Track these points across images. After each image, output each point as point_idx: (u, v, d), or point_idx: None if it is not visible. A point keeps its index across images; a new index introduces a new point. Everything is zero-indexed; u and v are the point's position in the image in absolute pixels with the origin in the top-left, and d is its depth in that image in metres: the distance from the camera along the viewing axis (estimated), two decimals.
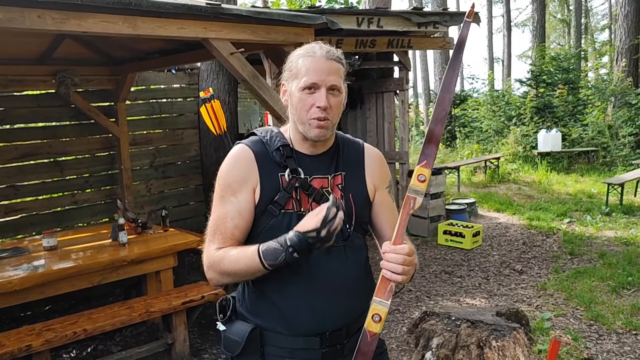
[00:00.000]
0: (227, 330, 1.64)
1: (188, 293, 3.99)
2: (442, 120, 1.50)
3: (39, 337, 3.26)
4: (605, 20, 31.84)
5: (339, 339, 1.60)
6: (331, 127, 1.56)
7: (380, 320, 1.43)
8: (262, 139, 1.63)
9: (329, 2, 13.66)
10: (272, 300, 1.58)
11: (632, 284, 5.01)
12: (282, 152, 1.59)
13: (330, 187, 1.62)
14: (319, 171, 1.62)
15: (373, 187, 1.70)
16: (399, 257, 1.42)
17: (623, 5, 13.80)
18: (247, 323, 1.62)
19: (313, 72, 1.52)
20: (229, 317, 1.65)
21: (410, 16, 5.41)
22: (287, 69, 1.61)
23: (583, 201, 8.83)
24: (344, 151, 1.68)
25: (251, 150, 1.60)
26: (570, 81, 14.33)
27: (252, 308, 1.63)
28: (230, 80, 6.65)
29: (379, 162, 1.74)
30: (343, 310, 1.60)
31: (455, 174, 10.69)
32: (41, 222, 5.71)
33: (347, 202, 1.61)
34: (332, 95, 1.54)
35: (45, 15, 2.82)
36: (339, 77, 1.55)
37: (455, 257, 6.16)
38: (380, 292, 1.43)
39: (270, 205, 1.56)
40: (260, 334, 1.59)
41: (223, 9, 3.45)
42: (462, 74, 27.31)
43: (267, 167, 1.58)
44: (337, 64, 1.56)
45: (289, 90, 1.60)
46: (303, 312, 1.56)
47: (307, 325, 1.57)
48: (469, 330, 3.39)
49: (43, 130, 5.86)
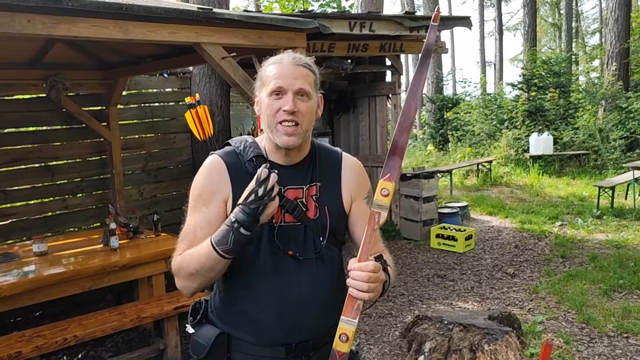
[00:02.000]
0: (195, 333, 1.64)
1: (180, 298, 3.97)
2: (407, 129, 1.46)
3: (28, 344, 3.24)
4: (595, 24, 32.10)
5: (306, 350, 1.59)
6: (302, 133, 1.53)
7: (347, 339, 1.40)
8: (236, 150, 1.62)
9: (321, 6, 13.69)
10: (241, 308, 1.58)
11: (623, 286, 5.03)
12: (255, 163, 1.57)
13: (305, 197, 1.60)
14: (294, 182, 1.60)
15: (350, 198, 1.68)
16: (363, 275, 1.39)
17: (613, 9, 13.91)
18: (215, 328, 1.62)
19: (279, 77, 1.52)
20: (199, 320, 1.66)
21: (403, 20, 5.42)
22: (258, 78, 1.61)
23: (574, 204, 8.87)
24: (320, 161, 1.66)
25: (223, 161, 1.60)
26: (562, 85, 14.42)
27: (220, 315, 1.64)
28: (223, 85, 6.64)
29: (357, 172, 1.71)
30: (311, 322, 1.58)
31: (448, 178, 10.73)
32: (32, 227, 5.66)
33: (322, 214, 1.60)
34: (300, 100, 1.52)
35: (36, 20, 2.81)
36: (306, 82, 1.54)
37: (447, 261, 6.17)
38: (347, 310, 1.41)
39: None
40: (228, 340, 1.60)
41: (215, 14, 3.45)
42: (455, 77, 27.46)
43: (239, 178, 1.56)
44: (304, 69, 1.55)
45: (259, 99, 1.59)
46: (270, 321, 1.56)
47: (274, 335, 1.57)
48: (462, 334, 3.40)
49: (33, 134, 5.82)
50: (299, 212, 1.58)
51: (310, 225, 1.59)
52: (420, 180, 7.03)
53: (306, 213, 1.59)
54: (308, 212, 1.60)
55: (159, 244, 4.38)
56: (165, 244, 4.37)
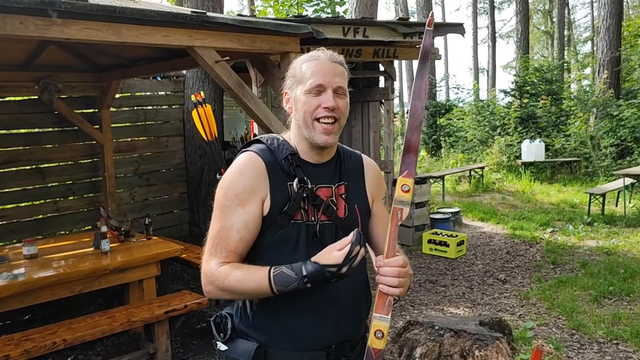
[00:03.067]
0: (230, 350, 1.56)
1: (171, 302, 3.95)
2: (417, 128, 1.49)
3: (17, 347, 3.20)
4: (587, 32, 32.38)
5: (344, 351, 1.57)
6: (338, 131, 1.54)
7: (383, 336, 1.41)
8: (270, 147, 1.58)
9: (315, 11, 13.73)
10: (278, 314, 1.52)
11: (613, 293, 5.06)
12: (291, 161, 1.55)
13: (334, 196, 1.59)
14: (324, 180, 1.59)
15: (372, 197, 1.70)
16: (394, 270, 1.41)
17: (605, 18, 14.04)
18: (249, 341, 1.55)
19: (318, 74, 1.51)
20: (229, 336, 1.57)
21: (396, 26, 5.45)
22: (290, 75, 1.59)
23: (565, 211, 8.92)
24: (345, 161, 1.67)
25: (262, 159, 1.54)
26: (553, 92, 14.52)
27: (254, 323, 1.56)
28: (216, 88, 6.64)
29: (377, 173, 1.75)
30: (349, 321, 1.59)
31: (440, 183, 10.75)
32: (22, 230, 5.63)
33: (352, 213, 1.60)
34: (338, 97, 1.53)
35: (28, 22, 2.80)
36: (343, 80, 1.55)
37: (439, 266, 6.18)
38: (379, 307, 1.42)
39: (278, 216, 1.52)
40: (264, 351, 1.53)
41: (208, 18, 3.45)
42: (448, 83, 27.59)
43: (276, 177, 1.53)
44: (340, 66, 1.56)
45: (292, 97, 1.57)
46: (311, 325, 1.52)
47: (316, 339, 1.53)
48: (452, 340, 3.40)
49: (25, 136, 5.79)
50: (331, 211, 1.57)
51: (340, 224, 1.58)
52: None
53: (336, 212, 1.58)
54: (338, 211, 1.59)
55: (150, 248, 4.36)
56: (157, 248, 4.35)
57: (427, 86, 1.57)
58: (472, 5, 31.33)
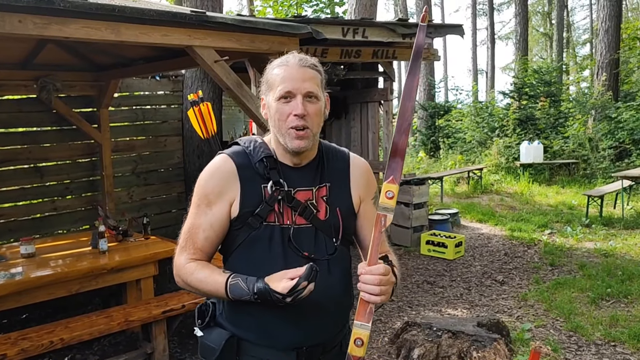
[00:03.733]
0: (205, 336, 1.62)
1: (169, 302, 3.95)
2: (405, 131, 1.44)
3: (14, 346, 3.20)
4: (586, 34, 32.45)
5: (316, 354, 1.58)
6: (311, 136, 1.53)
7: (362, 344, 1.39)
8: (246, 150, 1.60)
9: (315, 12, 13.73)
10: (252, 312, 1.55)
11: (611, 295, 5.06)
12: (266, 164, 1.56)
13: (315, 199, 1.59)
14: (303, 183, 1.58)
15: (358, 198, 1.67)
16: (375, 278, 1.38)
17: (604, 20, 14.06)
18: (225, 331, 1.60)
19: (287, 80, 1.50)
20: (207, 323, 1.63)
21: (395, 27, 5.46)
22: (263, 81, 1.59)
23: (564, 212, 8.93)
24: (328, 161, 1.65)
25: (233, 161, 1.57)
26: (552, 94, 14.54)
27: (231, 317, 1.61)
28: (215, 88, 6.63)
29: (365, 172, 1.70)
30: (324, 325, 1.58)
31: (439, 184, 10.76)
32: (20, 229, 5.61)
33: (333, 215, 1.59)
34: (309, 103, 1.51)
35: (27, 20, 2.79)
36: (314, 84, 1.52)
37: (437, 267, 6.18)
38: (360, 315, 1.40)
39: (251, 217, 1.53)
40: (238, 343, 1.58)
41: (208, 17, 3.45)
42: (447, 84, 27.60)
43: (249, 179, 1.55)
44: (312, 70, 1.53)
45: (267, 103, 1.57)
46: (282, 325, 1.54)
47: (287, 339, 1.55)
48: (450, 341, 3.40)
49: (23, 135, 5.78)
50: (309, 214, 1.57)
51: (321, 227, 1.58)
52: (411, 186, 7.05)
53: (317, 214, 1.58)
54: (319, 214, 1.58)
55: (148, 247, 4.36)
56: (155, 247, 4.34)
57: (419, 85, 1.51)
58: (472, 6, 31.36)
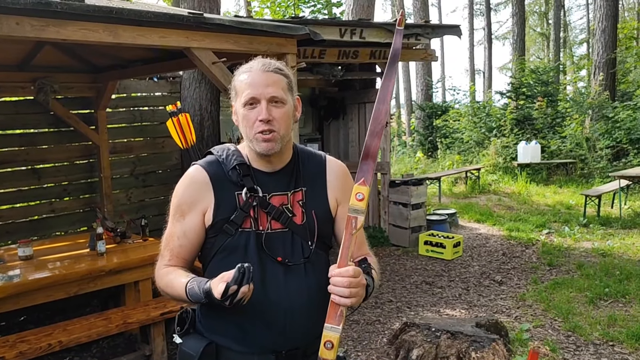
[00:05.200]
0: (183, 343, 1.61)
1: (167, 304, 3.94)
2: (378, 134, 1.45)
3: (12, 349, 3.19)
4: (583, 34, 32.55)
5: (295, 357, 1.58)
6: (279, 139, 1.53)
7: (332, 347, 1.38)
8: (218, 159, 1.61)
9: (312, 12, 13.74)
10: (229, 316, 1.54)
11: (609, 295, 5.07)
12: (239, 171, 1.56)
13: (290, 203, 1.59)
14: (278, 188, 1.59)
15: (335, 201, 1.67)
16: (344, 281, 1.37)
17: (601, 20, 14.09)
18: (203, 338, 1.60)
19: (251, 86, 1.51)
20: (186, 330, 1.63)
21: (393, 28, 5.46)
22: (232, 88, 1.60)
23: (561, 212, 8.95)
24: (304, 165, 1.65)
25: (205, 171, 1.59)
26: (549, 94, 14.56)
27: (207, 324, 1.62)
28: (213, 89, 6.62)
29: (342, 175, 1.70)
30: (301, 328, 1.57)
31: (437, 185, 10.77)
32: (17, 231, 5.60)
33: (309, 219, 1.59)
34: (274, 107, 1.52)
35: (24, 22, 2.79)
36: (279, 88, 1.53)
37: (435, 268, 6.18)
38: (330, 317, 1.39)
39: (226, 224, 1.54)
40: (216, 350, 1.57)
41: (205, 19, 3.45)
42: (444, 85, 27.65)
43: (223, 187, 1.56)
44: (275, 75, 1.54)
45: (235, 109, 1.59)
46: (259, 329, 1.54)
47: (263, 343, 1.55)
48: (449, 342, 3.41)
49: (20, 137, 5.77)
50: (285, 218, 1.57)
51: (298, 231, 1.58)
52: (409, 187, 7.05)
53: (293, 219, 1.58)
54: (295, 218, 1.59)
55: (147, 249, 4.35)
56: (153, 249, 4.33)
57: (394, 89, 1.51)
58: (469, 6, 31.43)
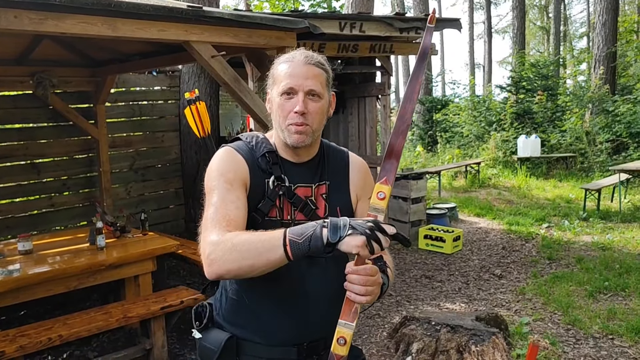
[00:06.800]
0: (203, 338, 1.61)
1: (167, 298, 3.94)
2: (403, 132, 1.41)
3: (12, 343, 3.19)
4: (583, 28, 32.45)
5: (317, 350, 1.58)
6: (310, 133, 1.52)
7: (345, 343, 1.38)
8: (248, 145, 1.60)
9: (312, 6, 13.69)
10: (251, 309, 1.55)
11: (609, 288, 5.08)
12: (268, 159, 1.56)
13: (314, 196, 1.59)
14: (304, 180, 1.59)
15: (356, 197, 1.68)
16: (361, 279, 1.36)
17: (601, 13, 14.05)
18: (223, 331, 1.59)
19: (291, 76, 1.50)
20: (205, 325, 1.62)
21: (393, 21, 5.44)
22: (270, 75, 1.59)
23: (561, 206, 8.95)
24: (329, 160, 1.66)
25: (240, 154, 1.57)
26: (549, 88, 14.54)
27: (229, 317, 1.61)
28: (212, 83, 6.61)
29: (363, 172, 1.71)
30: (322, 321, 1.57)
31: (436, 179, 10.77)
32: (17, 226, 5.60)
33: (332, 213, 1.59)
34: (311, 101, 1.51)
35: (22, 16, 2.77)
36: (318, 83, 1.52)
37: (435, 262, 6.19)
38: (345, 314, 1.39)
39: (253, 212, 1.52)
40: (237, 343, 1.57)
41: (204, 12, 3.43)
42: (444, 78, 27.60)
43: (255, 173, 1.55)
44: (317, 68, 1.53)
45: (271, 97, 1.58)
46: (281, 322, 1.54)
47: (285, 336, 1.55)
48: (449, 335, 3.41)
49: (19, 131, 5.76)
50: (309, 210, 1.57)
51: None
52: (409, 181, 7.05)
53: (316, 212, 1.58)
54: (318, 211, 1.59)
55: (146, 243, 4.35)
56: (153, 243, 4.34)
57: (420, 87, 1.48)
58: (468, 0, 31.32)
